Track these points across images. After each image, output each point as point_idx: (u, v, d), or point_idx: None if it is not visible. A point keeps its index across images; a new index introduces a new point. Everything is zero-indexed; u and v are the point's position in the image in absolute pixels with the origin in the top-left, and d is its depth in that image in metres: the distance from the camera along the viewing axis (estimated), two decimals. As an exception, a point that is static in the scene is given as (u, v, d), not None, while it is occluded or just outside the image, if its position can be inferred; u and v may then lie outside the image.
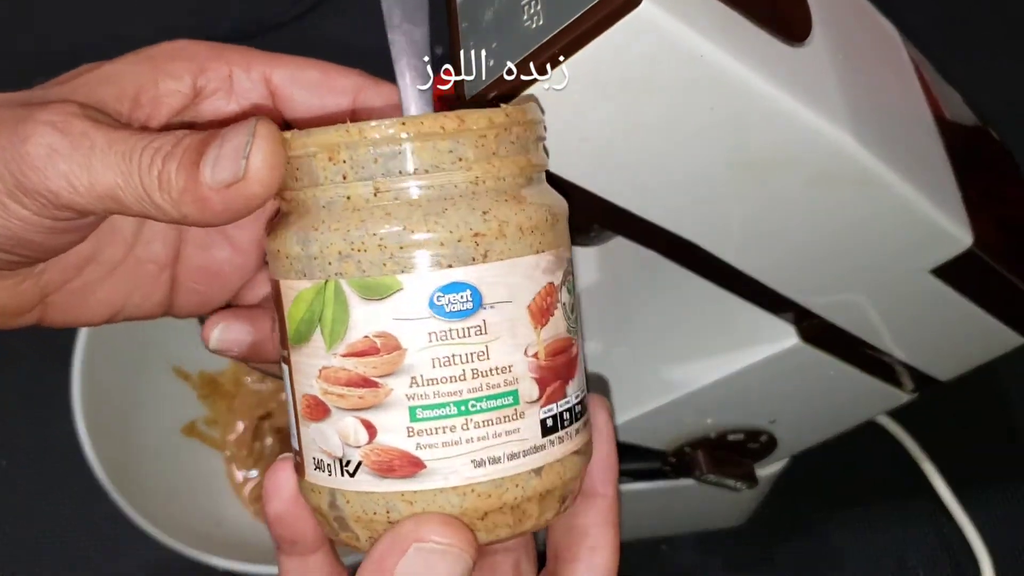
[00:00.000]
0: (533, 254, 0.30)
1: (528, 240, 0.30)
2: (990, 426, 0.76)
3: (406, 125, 0.30)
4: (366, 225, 0.30)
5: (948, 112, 0.46)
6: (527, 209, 0.31)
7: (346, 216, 0.30)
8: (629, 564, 0.74)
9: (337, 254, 0.30)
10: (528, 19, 0.33)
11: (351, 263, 0.30)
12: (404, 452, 0.30)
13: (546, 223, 0.31)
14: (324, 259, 0.30)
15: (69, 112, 0.31)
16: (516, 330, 0.30)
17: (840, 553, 0.71)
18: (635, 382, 0.52)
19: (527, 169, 0.31)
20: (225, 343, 0.38)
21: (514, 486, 0.30)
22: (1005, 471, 0.74)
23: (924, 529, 0.71)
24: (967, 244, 0.40)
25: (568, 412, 0.32)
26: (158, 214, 0.31)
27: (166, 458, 0.64)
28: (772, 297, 0.42)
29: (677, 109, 0.33)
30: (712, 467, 0.54)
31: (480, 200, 0.30)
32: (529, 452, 0.31)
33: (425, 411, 0.30)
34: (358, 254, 0.30)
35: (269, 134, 0.30)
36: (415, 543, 0.30)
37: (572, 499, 0.33)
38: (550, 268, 0.31)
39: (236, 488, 0.67)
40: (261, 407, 0.70)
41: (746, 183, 0.36)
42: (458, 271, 0.29)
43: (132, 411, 0.63)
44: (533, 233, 0.30)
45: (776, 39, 0.34)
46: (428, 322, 0.29)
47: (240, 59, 0.37)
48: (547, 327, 0.31)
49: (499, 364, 0.30)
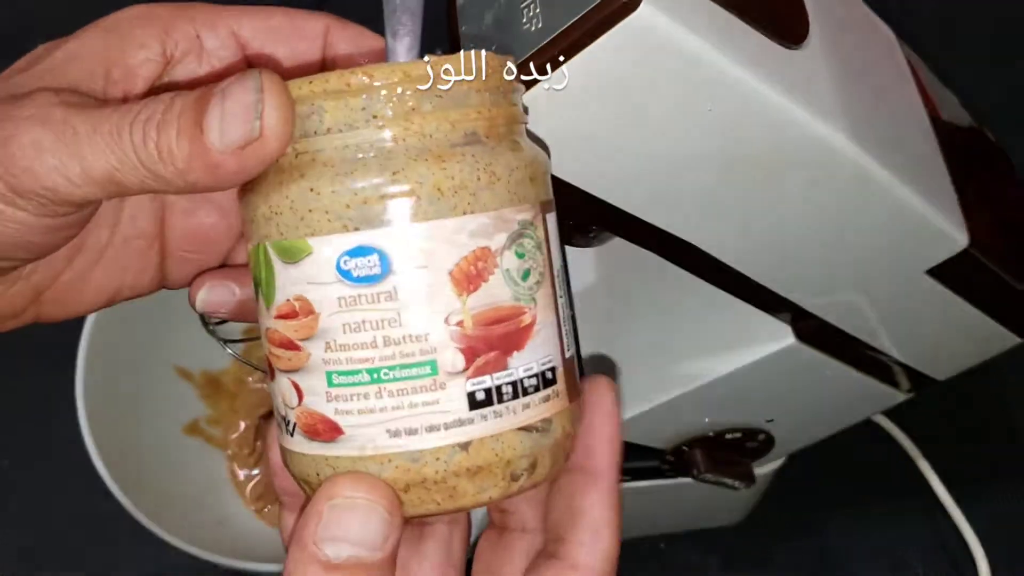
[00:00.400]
0: (456, 216, 0.29)
1: (450, 202, 0.28)
2: (986, 425, 0.76)
3: (313, 84, 0.29)
4: (282, 188, 0.29)
5: (944, 113, 0.46)
6: (450, 168, 0.29)
7: (271, 178, 0.30)
8: (628, 562, 0.74)
9: (262, 217, 0.29)
10: (527, 22, 0.33)
11: (272, 226, 0.29)
12: (325, 416, 0.29)
13: (479, 182, 0.29)
14: (255, 222, 0.30)
15: (46, 102, 0.29)
16: (434, 297, 0.28)
17: (837, 551, 0.71)
18: (633, 381, 0.52)
19: (464, 124, 0.29)
20: (211, 304, 0.37)
21: (434, 459, 0.29)
22: (1001, 469, 0.74)
23: (921, 527, 0.72)
24: (963, 244, 0.40)
25: (513, 386, 0.30)
26: (164, 186, 0.29)
27: (169, 457, 0.64)
28: (769, 297, 0.42)
29: (675, 111, 0.33)
30: (710, 466, 0.54)
31: (394, 160, 0.28)
32: (452, 425, 0.29)
33: (340, 377, 0.29)
34: (276, 217, 0.29)
35: (278, 88, 0.29)
36: (327, 501, 0.29)
37: (536, 478, 0.31)
38: (483, 232, 0.29)
39: (238, 487, 0.67)
40: (263, 406, 0.70)
41: (743, 184, 0.36)
42: (364, 235, 0.28)
43: (135, 410, 0.63)
44: (457, 194, 0.29)
45: (773, 42, 0.35)
46: (336, 287, 0.28)
47: (205, 17, 0.35)
48: (477, 294, 0.29)
49: (413, 332, 0.28)
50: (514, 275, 0.30)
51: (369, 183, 0.28)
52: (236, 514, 0.66)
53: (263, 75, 0.29)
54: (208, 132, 0.28)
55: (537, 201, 0.31)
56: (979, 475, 0.73)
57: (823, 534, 0.72)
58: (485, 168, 0.29)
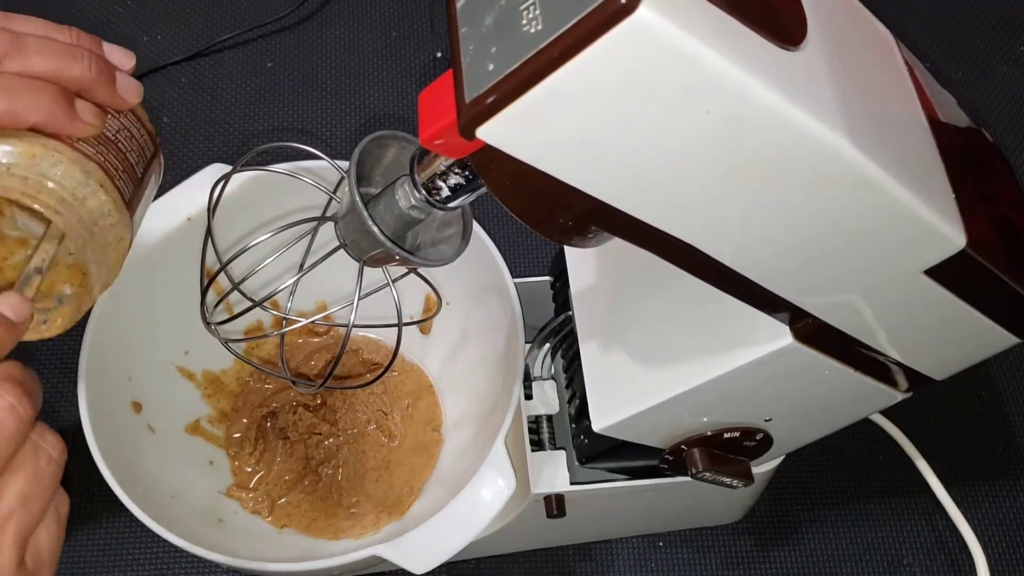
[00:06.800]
0: None
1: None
2: (984, 424, 0.76)
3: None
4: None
5: (942, 114, 0.46)
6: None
7: None
8: (628, 562, 0.75)
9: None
10: (527, 24, 0.33)
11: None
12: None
13: None
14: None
15: None
16: None
17: (836, 550, 0.71)
18: (632, 381, 0.52)
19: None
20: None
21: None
22: (999, 469, 0.75)
23: (919, 526, 0.72)
24: (960, 245, 0.40)
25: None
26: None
27: (170, 456, 0.64)
28: (767, 297, 0.42)
29: (673, 112, 0.33)
30: (708, 465, 0.55)
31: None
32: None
33: None
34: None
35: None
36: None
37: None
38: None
39: (240, 485, 0.68)
40: (264, 406, 0.70)
41: (741, 185, 0.36)
42: None
43: (136, 410, 0.63)
44: None
45: (771, 43, 0.35)
46: None
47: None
48: None
49: None
50: None
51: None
52: (236, 514, 0.66)
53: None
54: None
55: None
56: (977, 475, 0.74)
57: (821, 534, 0.72)
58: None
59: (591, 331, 0.56)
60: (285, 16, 0.93)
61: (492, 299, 0.65)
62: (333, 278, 0.58)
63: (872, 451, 0.74)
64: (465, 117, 0.35)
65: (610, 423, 0.52)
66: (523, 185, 0.37)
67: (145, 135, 0.49)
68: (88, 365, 0.58)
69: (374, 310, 0.60)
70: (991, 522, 0.72)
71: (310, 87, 0.90)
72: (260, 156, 0.55)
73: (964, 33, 0.95)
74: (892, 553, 0.71)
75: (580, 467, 0.61)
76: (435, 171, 0.43)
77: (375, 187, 0.48)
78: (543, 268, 0.79)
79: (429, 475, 0.69)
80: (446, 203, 0.44)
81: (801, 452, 0.59)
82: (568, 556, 0.71)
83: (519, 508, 0.62)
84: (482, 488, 0.56)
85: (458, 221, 0.50)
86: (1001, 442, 0.75)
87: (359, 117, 0.88)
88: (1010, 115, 0.90)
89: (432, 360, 0.73)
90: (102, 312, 0.60)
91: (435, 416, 0.71)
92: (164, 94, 0.88)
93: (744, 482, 0.57)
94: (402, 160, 0.48)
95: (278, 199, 0.64)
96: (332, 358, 0.71)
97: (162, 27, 0.92)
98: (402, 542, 0.55)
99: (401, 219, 0.46)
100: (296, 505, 0.67)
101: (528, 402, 0.64)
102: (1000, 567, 0.71)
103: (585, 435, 0.56)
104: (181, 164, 0.85)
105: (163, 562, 0.69)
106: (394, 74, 0.91)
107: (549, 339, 0.62)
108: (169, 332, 0.66)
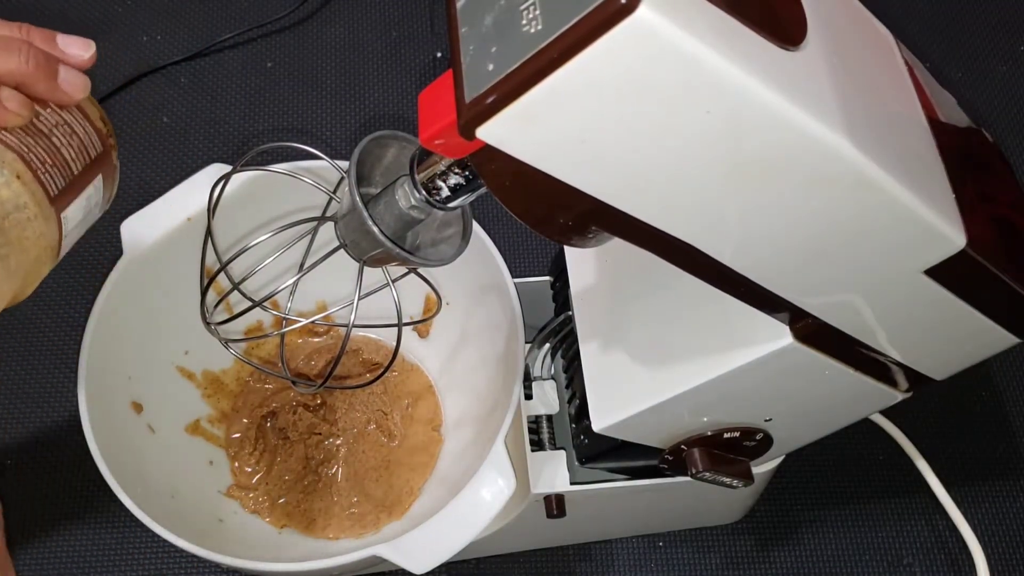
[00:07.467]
0: None
1: None
2: (984, 424, 0.76)
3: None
4: None
5: (942, 114, 0.46)
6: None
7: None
8: (628, 562, 0.75)
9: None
10: (527, 24, 0.33)
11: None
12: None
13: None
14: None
15: None
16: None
17: (836, 550, 0.71)
18: (632, 381, 0.52)
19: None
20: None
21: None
22: (999, 469, 0.75)
23: (919, 526, 0.72)
24: (960, 245, 0.40)
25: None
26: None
27: (170, 456, 0.64)
28: (767, 297, 0.42)
29: (673, 112, 0.33)
30: (708, 465, 0.55)
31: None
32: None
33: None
34: None
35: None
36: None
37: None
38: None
39: (240, 485, 0.68)
40: (264, 406, 0.70)
41: (741, 185, 0.36)
42: None
43: (136, 410, 0.63)
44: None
45: (771, 43, 0.35)
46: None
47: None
48: None
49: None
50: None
51: None
52: (236, 514, 0.66)
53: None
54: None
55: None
56: (977, 475, 0.74)
57: (821, 533, 0.72)
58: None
59: (591, 331, 0.56)
60: (285, 16, 0.93)
61: (492, 299, 0.65)
62: (333, 278, 0.58)
63: (872, 451, 0.74)
64: (465, 117, 0.35)
65: (610, 423, 0.52)
66: (523, 185, 0.37)
67: (92, 133, 0.47)
68: (88, 365, 0.58)
69: (374, 310, 0.60)
70: (991, 522, 0.72)
71: (310, 87, 0.90)
72: (260, 156, 0.55)
73: (964, 33, 0.95)
74: (892, 553, 0.71)
75: (580, 467, 0.61)
76: (435, 171, 0.43)
77: (375, 187, 0.48)
78: (543, 268, 0.79)
79: (429, 475, 0.69)
80: (446, 203, 0.44)
81: (801, 452, 0.59)
82: (568, 556, 0.71)
83: (519, 508, 0.62)
84: (482, 488, 0.56)
85: (458, 221, 0.50)
86: (1001, 442, 0.75)
87: (359, 117, 0.88)
88: (1010, 115, 0.90)
89: (432, 360, 0.73)
90: (102, 312, 0.60)
91: (435, 416, 0.71)
92: (164, 94, 0.88)
93: (744, 482, 0.57)
94: (402, 160, 0.48)
95: (278, 199, 0.64)
96: (332, 358, 0.71)
97: (162, 27, 0.92)
98: (402, 542, 0.55)
99: (401, 219, 0.46)
100: (296, 505, 0.67)
101: (528, 402, 0.64)
102: (1000, 567, 0.71)
103: (585, 435, 0.56)
104: (181, 164, 0.85)
105: (163, 562, 0.69)
106: (394, 74, 0.91)
107: (549, 339, 0.62)
108: (169, 332, 0.66)
